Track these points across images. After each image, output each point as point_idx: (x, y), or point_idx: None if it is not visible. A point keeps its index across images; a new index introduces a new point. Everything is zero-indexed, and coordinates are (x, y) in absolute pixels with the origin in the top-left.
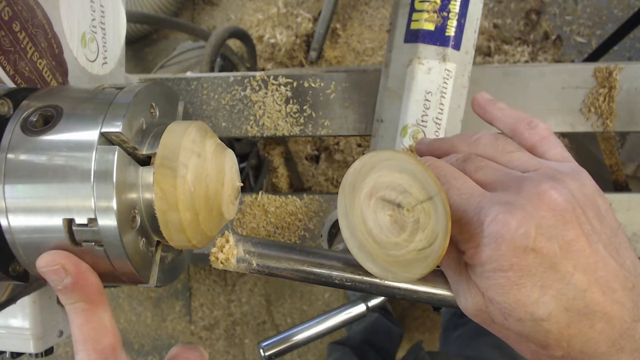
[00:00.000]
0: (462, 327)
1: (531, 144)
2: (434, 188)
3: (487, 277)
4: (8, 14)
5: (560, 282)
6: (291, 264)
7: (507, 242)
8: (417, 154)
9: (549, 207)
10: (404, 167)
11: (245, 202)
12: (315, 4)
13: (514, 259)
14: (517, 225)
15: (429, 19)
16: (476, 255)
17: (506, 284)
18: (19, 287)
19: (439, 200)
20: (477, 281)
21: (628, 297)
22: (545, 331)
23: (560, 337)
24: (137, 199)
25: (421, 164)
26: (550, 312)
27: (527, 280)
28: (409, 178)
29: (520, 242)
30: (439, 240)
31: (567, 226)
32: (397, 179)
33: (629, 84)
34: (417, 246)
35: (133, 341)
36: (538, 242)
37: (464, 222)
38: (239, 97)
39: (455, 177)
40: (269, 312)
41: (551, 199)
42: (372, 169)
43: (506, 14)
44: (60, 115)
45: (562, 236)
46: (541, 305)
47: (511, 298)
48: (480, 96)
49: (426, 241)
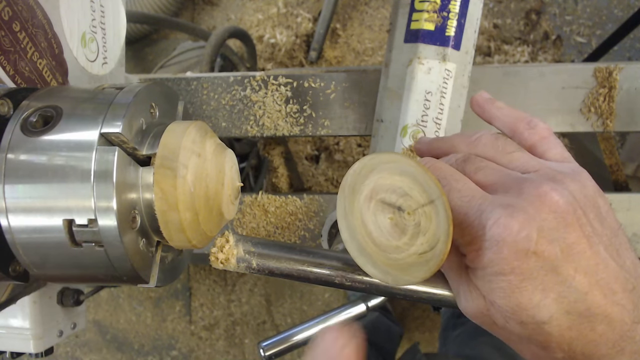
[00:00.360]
0: (461, 326)
1: (531, 144)
2: (435, 192)
3: (489, 280)
4: (8, 14)
5: (562, 285)
6: (291, 264)
7: (509, 245)
8: (417, 154)
9: (550, 210)
10: (404, 169)
11: (245, 202)
12: (315, 4)
13: (515, 262)
14: (519, 229)
15: (429, 19)
16: (478, 259)
17: (507, 287)
18: (19, 287)
19: (441, 204)
20: (478, 284)
21: (628, 298)
22: (547, 334)
23: (561, 339)
24: (137, 199)
25: (422, 167)
26: (552, 315)
27: (528, 283)
28: (410, 181)
29: (522, 245)
30: (441, 245)
31: (568, 228)
32: (398, 181)
33: (629, 84)
34: (418, 250)
35: (133, 341)
36: (540, 245)
37: (465, 225)
38: (239, 97)
39: (456, 178)
40: (269, 312)
41: (552, 201)
42: (372, 171)
43: (506, 14)
44: (60, 116)
45: (563, 239)
46: (543, 309)
47: (512, 301)
48: (479, 96)
49: (427, 245)
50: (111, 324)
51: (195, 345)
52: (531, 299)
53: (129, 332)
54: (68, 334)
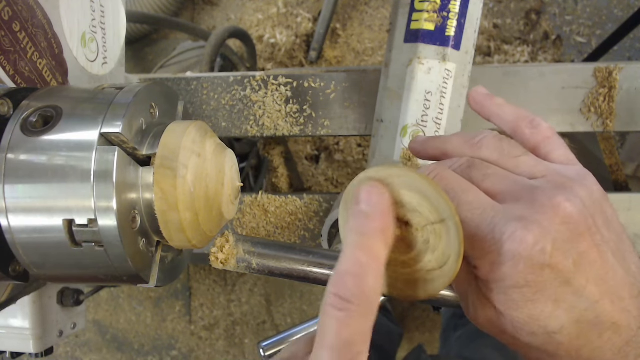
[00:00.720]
0: (462, 328)
1: (534, 145)
2: (446, 211)
3: (501, 292)
4: (8, 14)
5: (574, 295)
6: (291, 264)
7: (525, 259)
8: (412, 153)
9: (564, 221)
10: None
11: (245, 202)
12: (315, 4)
13: (530, 276)
14: (534, 242)
15: (429, 19)
16: (491, 273)
17: (520, 299)
18: (19, 287)
19: (453, 225)
20: (489, 295)
21: (634, 304)
22: (557, 343)
23: (570, 347)
24: (137, 199)
25: (432, 183)
26: (563, 325)
27: (541, 295)
28: (419, 197)
29: (537, 259)
30: (450, 264)
31: (580, 238)
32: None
33: (629, 84)
34: (426, 267)
35: (133, 341)
36: (554, 258)
37: (477, 239)
38: (239, 97)
39: (465, 190)
40: (269, 312)
41: (566, 212)
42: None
43: (506, 14)
44: (60, 116)
45: (575, 249)
46: (554, 320)
47: (525, 313)
48: (475, 92)
49: (436, 263)
50: (111, 324)
51: (195, 345)
52: (543, 310)
53: (129, 332)
54: (68, 334)
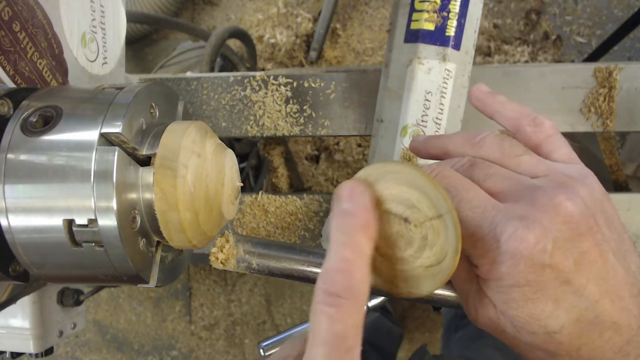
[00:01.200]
0: (463, 328)
1: (536, 143)
2: (444, 206)
3: (502, 292)
4: (8, 14)
5: (574, 295)
6: (291, 264)
7: (525, 259)
8: (413, 152)
9: (565, 220)
10: (412, 181)
11: (245, 202)
12: (315, 4)
13: (531, 275)
14: (535, 242)
15: (429, 19)
16: (492, 272)
17: (521, 298)
18: (19, 287)
19: (450, 220)
20: (490, 294)
21: (634, 303)
22: (557, 342)
23: (570, 346)
24: (137, 199)
25: (431, 180)
26: (563, 324)
27: (541, 294)
28: (418, 193)
29: (537, 259)
30: (448, 260)
31: (581, 238)
32: (405, 193)
33: (629, 84)
34: (425, 263)
35: (133, 341)
36: (555, 258)
37: (478, 238)
38: (239, 97)
39: (466, 188)
40: (269, 312)
41: (567, 211)
42: (378, 181)
43: (506, 14)
44: (60, 116)
45: (576, 248)
46: (554, 319)
47: (525, 312)
48: (477, 89)
49: (434, 259)
50: (111, 324)
51: (195, 345)
52: (544, 309)
53: (129, 332)
54: (68, 334)
